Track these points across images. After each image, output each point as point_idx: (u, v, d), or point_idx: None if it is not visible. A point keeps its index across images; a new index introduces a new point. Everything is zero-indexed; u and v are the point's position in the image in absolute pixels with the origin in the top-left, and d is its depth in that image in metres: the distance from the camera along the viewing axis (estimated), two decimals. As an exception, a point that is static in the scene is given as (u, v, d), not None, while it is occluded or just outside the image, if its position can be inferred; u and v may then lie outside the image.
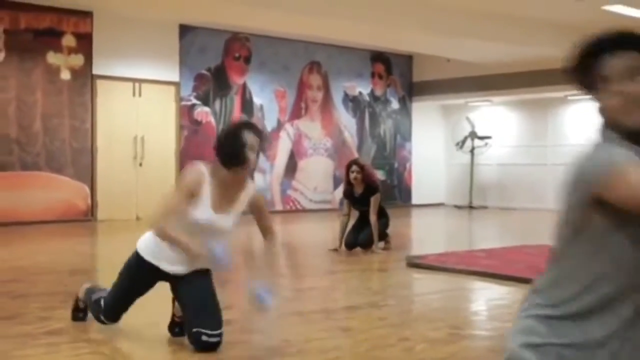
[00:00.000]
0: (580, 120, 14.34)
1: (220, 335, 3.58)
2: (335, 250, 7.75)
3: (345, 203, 8.06)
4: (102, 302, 3.87)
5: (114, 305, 3.84)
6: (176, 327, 3.90)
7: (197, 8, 10.39)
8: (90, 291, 4.08)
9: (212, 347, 3.55)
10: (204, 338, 3.52)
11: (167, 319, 3.92)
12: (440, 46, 13.26)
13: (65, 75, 11.04)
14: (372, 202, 7.69)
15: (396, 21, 11.17)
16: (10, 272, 6.22)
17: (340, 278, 6.51)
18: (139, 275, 3.78)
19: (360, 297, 5.41)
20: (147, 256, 3.69)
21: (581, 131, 14.45)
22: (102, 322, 3.90)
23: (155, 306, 5.07)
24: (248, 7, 9.95)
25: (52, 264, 6.82)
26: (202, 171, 3.65)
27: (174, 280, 3.74)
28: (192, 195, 3.56)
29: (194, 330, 3.54)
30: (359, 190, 7.80)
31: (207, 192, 3.60)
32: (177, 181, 3.64)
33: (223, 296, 5.43)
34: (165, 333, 4.05)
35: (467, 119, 15.59)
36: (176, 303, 3.90)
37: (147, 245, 3.72)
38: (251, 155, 3.61)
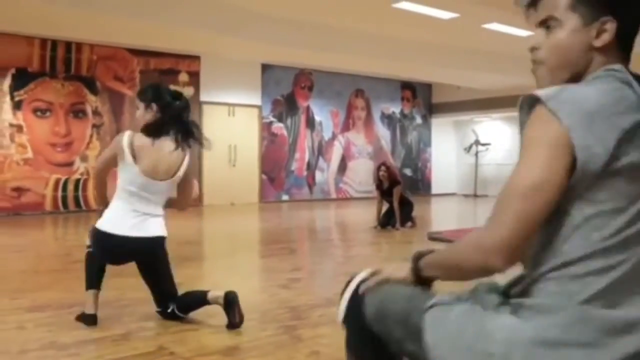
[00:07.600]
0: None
1: None
2: (375, 227, 7.84)
3: (377, 193, 8.15)
4: None
5: None
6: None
7: (274, 51, 10.49)
8: None
9: None
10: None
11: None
12: (452, 77, 13.25)
13: (181, 101, 11.38)
14: (394, 192, 7.81)
15: (420, 59, 11.25)
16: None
17: (379, 248, 6.54)
18: None
19: (394, 261, 5.55)
20: None
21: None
22: None
23: (231, 285, 5.21)
24: (311, 51, 10.09)
25: (171, 236, 6.90)
26: None
27: None
28: None
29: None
30: (386, 184, 7.92)
31: None
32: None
33: (294, 261, 5.54)
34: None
35: (473, 130, 15.52)
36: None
37: None
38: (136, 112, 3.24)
